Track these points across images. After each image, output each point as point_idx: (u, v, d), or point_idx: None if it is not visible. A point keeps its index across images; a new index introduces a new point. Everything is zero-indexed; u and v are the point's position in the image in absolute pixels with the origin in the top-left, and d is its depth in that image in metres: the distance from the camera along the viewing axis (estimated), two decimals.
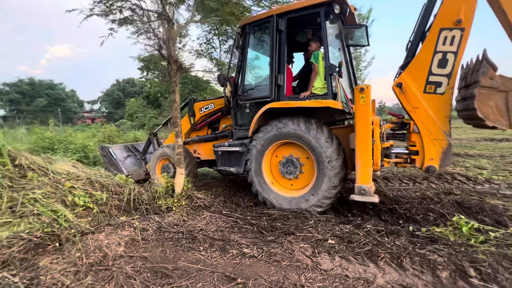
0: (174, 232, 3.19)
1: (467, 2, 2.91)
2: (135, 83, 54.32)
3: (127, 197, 3.81)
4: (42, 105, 48.07)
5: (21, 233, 2.52)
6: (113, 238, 2.92)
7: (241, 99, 4.29)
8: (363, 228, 3.07)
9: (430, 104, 3.19)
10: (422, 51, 3.20)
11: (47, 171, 3.72)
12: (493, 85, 2.72)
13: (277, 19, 3.80)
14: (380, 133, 3.33)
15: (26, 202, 2.93)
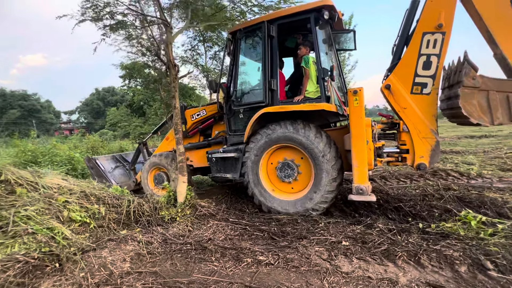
0: (182, 244, 3.03)
1: (447, 8, 3.10)
2: (116, 92, 52.79)
3: (126, 209, 3.60)
4: (15, 117, 45.38)
5: (16, 255, 2.28)
6: (117, 254, 2.73)
7: (235, 104, 4.29)
8: (374, 228, 3.07)
9: (418, 104, 3.34)
10: (407, 54, 3.36)
11: (37, 186, 3.47)
12: (475, 85, 2.89)
13: (268, 25, 3.85)
14: (372, 133, 3.45)
15: (19, 221, 2.68)
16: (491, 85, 2.90)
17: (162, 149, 5.44)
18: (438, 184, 4.47)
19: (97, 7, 3.93)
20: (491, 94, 2.90)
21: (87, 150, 11.48)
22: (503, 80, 2.92)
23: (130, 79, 23.09)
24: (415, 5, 3.42)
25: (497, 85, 2.89)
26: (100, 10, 3.97)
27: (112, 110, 32.40)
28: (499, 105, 2.89)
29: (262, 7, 4.36)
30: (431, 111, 3.31)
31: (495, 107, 2.90)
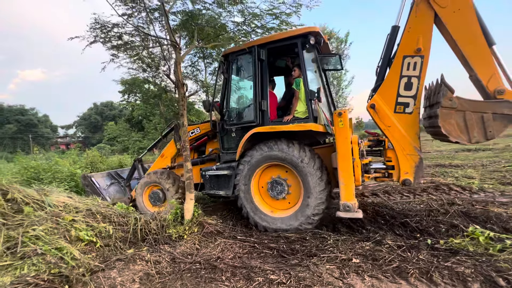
0: (190, 263, 3.00)
1: (424, 33, 3.35)
2: (114, 106, 53.02)
3: (133, 227, 3.57)
4: (12, 131, 45.08)
5: (26, 277, 2.25)
6: (126, 275, 2.69)
7: (227, 124, 4.47)
8: (383, 244, 3.08)
9: (401, 122, 3.53)
10: (389, 75, 3.58)
11: (43, 204, 3.43)
12: (452, 106, 3.10)
13: (259, 49, 4.08)
14: (359, 150, 3.62)
15: (27, 241, 2.65)
16: (467, 106, 3.10)
17: (157, 166, 5.47)
18: (442, 198, 4.51)
19: (106, 28, 4.07)
20: (467, 114, 3.10)
21: (86, 165, 11.39)
22: (478, 101, 3.13)
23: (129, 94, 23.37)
24: (396, 30, 3.66)
25: (472, 105, 3.09)
26: (108, 31, 4.12)
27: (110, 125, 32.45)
28: (475, 124, 3.08)
29: (265, 28, 4.55)
30: (414, 129, 3.50)
31: (471, 126, 3.08)
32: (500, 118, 3.01)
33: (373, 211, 4.24)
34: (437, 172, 7.13)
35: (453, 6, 3.20)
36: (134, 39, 4.44)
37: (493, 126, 3.03)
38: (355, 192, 3.48)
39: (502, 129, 3.05)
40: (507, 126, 3.05)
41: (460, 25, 3.21)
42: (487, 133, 3.06)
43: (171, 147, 5.36)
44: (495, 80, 3.10)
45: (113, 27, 4.07)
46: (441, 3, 3.22)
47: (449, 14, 3.24)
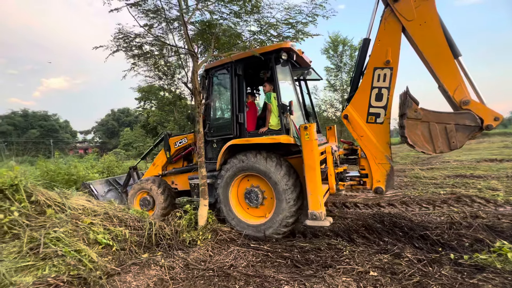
0: (204, 269, 2.99)
1: (393, 46, 3.45)
2: (130, 113, 54.73)
3: (148, 232, 3.62)
4: (34, 136, 47.34)
5: (47, 278, 2.32)
6: (141, 279, 2.71)
7: (208, 135, 4.69)
8: (402, 257, 2.96)
9: (373, 132, 3.63)
10: (361, 86, 3.67)
11: (64, 207, 3.55)
12: (417, 117, 3.24)
13: (235, 65, 4.27)
14: (333, 159, 3.79)
15: (49, 242, 2.74)
16: (431, 117, 3.22)
17: (150, 174, 5.73)
18: (464, 211, 4.31)
19: (128, 38, 4.25)
20: (431, 125, 3.22)
21: (103, 169, 11.75)
22: (441, 113, 3.21)
23: (145, 101, 24.08)
24: (367, 43, 3.75)
25: (436, 117, 3.20)
26: (130, 41, 4.29)
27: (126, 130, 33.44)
28: (439, 135, 3.18)
29: (281, 37, 4.60)
30: (385, 139, 3.60)
31: (435, 136, 3.20)
32: (462, 129, 3.12)
33: (390, 222, 4.10)
34: (457, 183, 6.82)
35: (419, 20, 3.28)
36: (154, 48, 4.61)
37: (456, 137, 3.14)
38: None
39: (464, 140, 3.15)
40: (469, 136, 3.14)
41: (426, 37, 3.30)
42: (450, 143, 3.17)
43: (161, 156, 5.62)
44: (460, 91, 3.16)
45: (135, 37, 4.25)
46: (407, 17, 3.32)
47: (415, 27, 3.32)
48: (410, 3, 3.30)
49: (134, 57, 4.44)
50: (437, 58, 3.28)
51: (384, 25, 3.48)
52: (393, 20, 3.42)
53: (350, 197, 6.63)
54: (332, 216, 4.88)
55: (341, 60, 17.62)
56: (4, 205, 3.02)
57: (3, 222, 2.84)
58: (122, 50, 4.11)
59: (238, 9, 4.02)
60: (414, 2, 3.29)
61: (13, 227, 2.89)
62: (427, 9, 3.25)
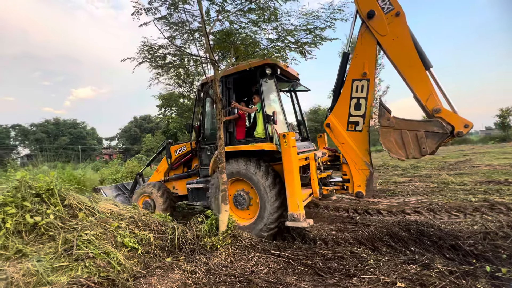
0: (225, 275, 3.01)
1: (369, 59, 3.73)
2: (151, 120, 56.81)
3: (171, 236, 3.72)
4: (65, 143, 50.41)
5: (80, 279, 2.45)
6: (165, 283, 2.79)
7: (202, 143, 5.18)
8: (432, 268, 2.80)
9: (353, 140, 3.89)
10: (342, 97, 3.96)
11: (93, 211, 3.74)
12: (390, 125, 3.50)
13: (225, 79, 4.70)
14: (316, 165, 4.01)
15: (81, 244, 2.89)
16: (403, 125, 3.46)
17: (154, 179, 6.16)
18: (500, 220, 4.02)
19: (152, 49, 4.46)
20: (403, 133, 3.45)
21: (127, 174, 12.27)
22: (412, 121, 3.44)
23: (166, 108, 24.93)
24: (346, 56, 4.03)
25: (408, 124, 3.44)
26: (155, 52, 4.50)
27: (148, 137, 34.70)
28: (410, 141, 3.40)
29: (299, 44, 4.62)
30: (364, 146, 3.84)
31: (407, 143, 3.41)
32: (431, 136, 3.31)
33: (417, 231, 3.91)
34: (490, 189, 6.38)
35: (392, 34, 3.54)
36: (176, 58, 4.80)
37: (426, 143, 3.33)
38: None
39: (433, 146, 3.32)
40: (438, 143, 3.30)
41: (398, 51, 3.54)
42: (421, 149, 3.36)
43: (163, 163, 6.03)
44: (432, 100, 3.34)
45: (158, 48, 4.45)
46: (381, 32, 3.60)
47: (388, 42, 3.58)
48: (383, 20, 3.57)
49: (157, 68, 4.64)
50: (409, 70, 3.50)
51: (360, 40, 3.77)
52: (369, 35, 3.70)
53: (372, 204, 6.42)
54: (354, 223, 4.76)
55: None
56: (41, 208, 3.24)
57: (40, 224, 3.04)
58: (148, 62, 4.32)
59: (256, 18, 4.10)
60: (386, 18, 3.56)
61: (49, 229, 3.09)
62: (398, 24, 3.52)
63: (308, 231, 4.36)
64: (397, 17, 3.51)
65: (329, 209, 6.14)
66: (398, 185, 8.60)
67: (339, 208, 6.12)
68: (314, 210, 6.20)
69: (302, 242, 3.99)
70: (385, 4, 3.55)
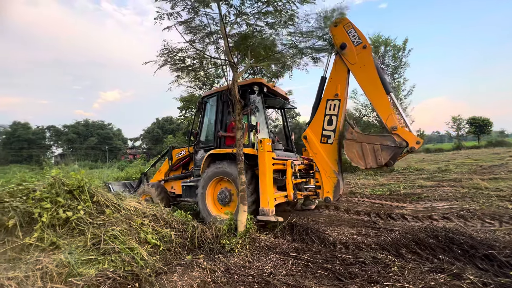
0: (244, 275, 3.02)
1: (341, 83, 4.37)
2: (172, 121, 58.65)
3: (191, 234, 3.80)
4: (93, 143, 53.42)
5: (107, 272, 2.58)
6: (185, 280, 2.85)
7: (197, 147, 5.88)
8: (463, 279, 2.63)
9: (324, 151, 4.46)
10: (317, 113, 4.56)
11: (119, 208, 3.92)
12: (353, 138, 4.06)
13: (220, 94, 5.42)
14: (292, 172, 4.63)
15: (107, 239, 3.05)
16: (363, 139, 3.99)
17: (156, 179, 6.74)
18: None
19: (172, 52, 4.61)
20: (363, 145, 3.96)
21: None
22: (371, 135, 4.03)
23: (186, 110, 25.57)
24: (323, 80, 4.61)
25: (367, 138, 3.99)
26: (174, 55, 4.65)
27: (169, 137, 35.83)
28: (369, 153, 3.90)
29: (313, 49, 4.68)
30: (334, 156, 4.40)
31: (366, 154, 3.92)
32: (386, 149, 3.82)
33: (446, 238, 3.68)
34: None
35: (360, 63, 4.16)
36: (196, 61, 4.93)
37: (381, 155, 3.84)
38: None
39: (387, 157, 3.82)
40: (391, 155, 3.80)
41: (364, 77, 4.13)
42: (377, 160, 3.86)
43: (165, 164, 6.67)
44: (391, 119, 3.88)
45: (178, 51, 4.60)
46: (351, 61, 4.22)
47: (357, 69, 4.19)
48: (353, 51, 4.20)
49: (177, 70, 4.79)
50: (373, 94, 4.09)
51: (334, 66, 4.43)
52: (341, 63, 4.33)
53: (396, 208, 6.16)
54: (376, 228, 4.58)
55: (383, 61, 16.63)
56: (73, 204, 3.44)
57: (72, 219, 3.24)
58: (168, 65, 4.47)
59: (273, 21, 4.14)
60: (356, 50, 4.18)
61: (79, 223, 3.28)
62: (365, 55, 4.13)
63: (328, 234, 4.26)
64: (364, 49, 4.14)
65: (349, 213, 5.97)
66: (424, 189, 8.17)
67: (360, 211, 5.93)
68: (334, 213, 6.06)
69: (322, 245, 3.91)
70: (355, 38, 4.20)
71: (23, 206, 3.16)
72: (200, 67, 4.86)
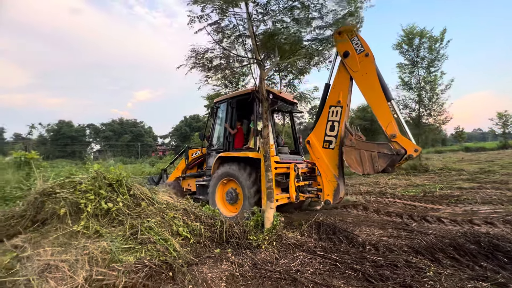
0: (271, 271, 3.07)
1: (343, 90, 4.52)
2: (199, 119, 60.42)
3: (219, 229, 3.93)
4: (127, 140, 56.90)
5: (144, 260, 2.77)
6: (215, 272, 2.97)
7: (209, 150, 6.28)
8: None
9: (326, 155, 4.64)
10: (320, 119, 4.74)
11: (153, 201, 4.16)
12: (352, 145, 4.20)
13: (229, 100, 5.84)
14: (295, 175, 4.83)
15: (144, 230, 3.27)
16: (362, 146, 4.12)
17: (174, 175, 7.24)
18: None
19: (200, 54, 4.76)
20: (361, 152, 4.10)
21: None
22: (369, 143, 4.14)
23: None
24: (327, 87, 4.76)
25: (365, 146, 4.10)
26: (202, 57, 4.78)
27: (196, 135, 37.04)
28: (367, 160, 4.04)
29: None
30: (335, 161, 4.56)
31: (364, 161, 4.06)
32: (382, 156, 3.94)
33: (489, 244, 3.40)
34: None
35: (362, 71, 4.27)
36: (223, 61, 5.04)
37: (378, 162, 3.96)
38: None
39: (384, 164, 3.94)
40: (387, 162, 3.92)
41: (366, 85, 4.24)
42: (374, 167, 4.00)
43: (182, 163, 7.16)
44: (391, 127, 3.97)
45: (205, 52, 4.73)
46: (353, 69, 4.35)
47: (359, 77, 4.31)
48: (355, 59, 4.31)
49: (206, 71, 4.93)
50: (374, 101, 4.18)
51: (338, 74, 4.58)
52: (344, 70, 4.47)
53: (431, 210, 5.80)
54: (409, 231, 4.37)
55: (418, 54, 15.58)
56: (113, 196, 3.73)
57: (112, 210, 3.52)
58: (198, 67, 4.64)
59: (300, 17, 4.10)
60: (358, 58, 4.28)
61: (119, 215, 3.55)
62: (367, 63, 4.23)
63: (357, 235, 4.15)
64: (367, 57, 4.22)
65: (379, 213, 5.74)
66: (463, 191, 7.58)
67: (391, 213, 5.67)
68: (363, 214, 5.87)
69: (350, 245, 3.82)
70: (358, 46, 4.29)
71: (71, 197, 3.50)
72: (227, 66, 4.96)
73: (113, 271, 2.60)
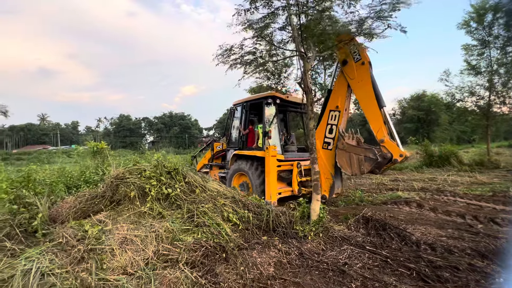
0: (317, 261, 3.13)
1: (342, 96, 4.92)
2: None
3: (266, 218, 4.10)
4: (176, 132, 61.35)
5: (201, 241, 3.07)
6: (263, 257, 3.14)
7: (228, 146, 7.20)
8: None
9: (325, 156, 5.08)
10: (321, 122, 5.17)
11: (205, 189, 4.51)
12: (343, 148, 4.67)
13: (245, 104, 6.58)
14: (298, 171, 5.53)
15: (199, 214, 3.60)
16: (351, 149, 4.56)
17: (201, 163, 8.25)
18: None
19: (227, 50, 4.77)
20: (351, 155, 4.55)
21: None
22: (357, 147, 4.56)
23: None
24: (329, 92, 5.14)
25: (354, 149, 4.53)
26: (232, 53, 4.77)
27: None
28: (355, 162, 4.49)
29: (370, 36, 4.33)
30: (332, 161, 4.96)
31: (353, 163, 4.52)
32: (368, 160, 4.34)
33: None
34: None
35: (358, 79, 4.59)
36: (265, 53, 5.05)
37: (364, 165, 4.37)
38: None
39: (369, 167, 4.34)
40: (372, 165, 4.31)
41: (361, 91, 4.61)
42: (361, 168, 4.42)
43: (209, 153, 8.06)
44: (381, 132, 4.32)
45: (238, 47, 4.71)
46: (351, 76, 4.68)
47: (355, 84, 4.66)
48: (353, 67, 4.63)
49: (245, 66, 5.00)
50: (367, 107, 4.54)
51: (337, 80, 5.01)
52: (342, 77, 4.86)
53: (502, 212, 5.13)
54: (473, 233, 3.96)
55: (490, 32, 13.37)
56: (171, 182, 4.16)
57: (171, 195, 3.94)
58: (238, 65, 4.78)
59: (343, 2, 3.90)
60: (355, 66, 4.59)
61: (177, 199, 3.96)
62: (363, 71, 4.53)
63: (410, 232, 3.92)
64: (363, 65, 4.52)
65: (436, 212, 5.29)
66: None
67: (451, 212, 5.18)
68: (417, 211, 5.47)
69: (402, 243, 3.63)
70: (356, 55, 4.58)
71: (138, 182, 4.01)
72: (270, 60, 4.99)
73: (176, 248, 2.95)
